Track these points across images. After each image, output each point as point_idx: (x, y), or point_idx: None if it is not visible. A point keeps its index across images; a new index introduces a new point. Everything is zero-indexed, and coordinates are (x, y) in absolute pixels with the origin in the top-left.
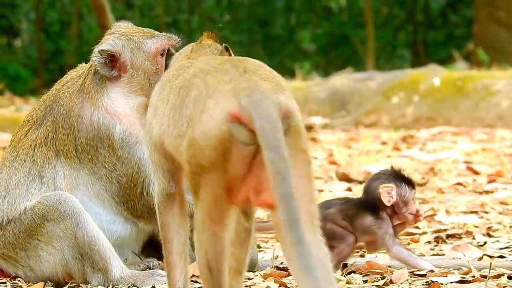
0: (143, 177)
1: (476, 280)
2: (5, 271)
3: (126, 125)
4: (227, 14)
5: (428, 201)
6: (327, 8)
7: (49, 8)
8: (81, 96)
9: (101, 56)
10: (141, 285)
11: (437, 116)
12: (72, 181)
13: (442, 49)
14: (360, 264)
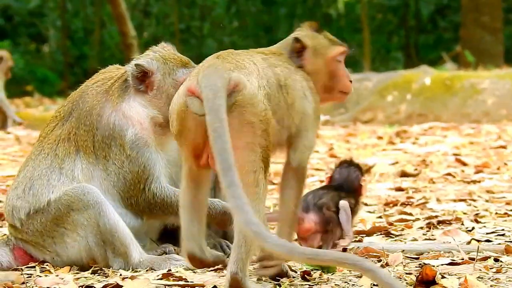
0: (147, 175)
1: (465, 262)
2: (34, 256)
3: (138, 130)
4: (236, 21)
5: (420, 190)
6: (326, 15)
7: (74, 16)
8: (105, 97)
9: (135, 69)
10: (158, 269)
11: (428, 112)
12: (88, 175)
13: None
14: (358, 248)
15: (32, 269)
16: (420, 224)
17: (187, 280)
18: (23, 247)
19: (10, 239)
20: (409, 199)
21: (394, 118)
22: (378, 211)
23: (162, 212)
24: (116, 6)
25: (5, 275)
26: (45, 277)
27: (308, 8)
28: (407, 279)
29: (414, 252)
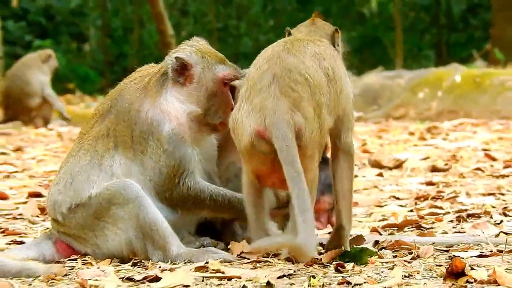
0: (182, 169)
1: (494, 255)
2: (76, 249)
3: (175, 125)
4: (271, 19)
5: (450, 185)
6: (360, 13)
7: (114, 16)
8: (143, 93)
9: (175, 62)
10: (196, 261)
11: (458, 109)
12: (126, 170)
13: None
14: (390, 241)
15: (74, 261)
16: (450, 218)
17: (224, 273)
18: (65, 241)
19: (52, 233)
20: (439, 193)
21: (425, 114)
22: (409, 205)
23: (195, 206)
24: (154, 5)
25: (48, 267)
26: (87, 269)
27: (343, 7)
28: (437, 271)
29: (444, 245)
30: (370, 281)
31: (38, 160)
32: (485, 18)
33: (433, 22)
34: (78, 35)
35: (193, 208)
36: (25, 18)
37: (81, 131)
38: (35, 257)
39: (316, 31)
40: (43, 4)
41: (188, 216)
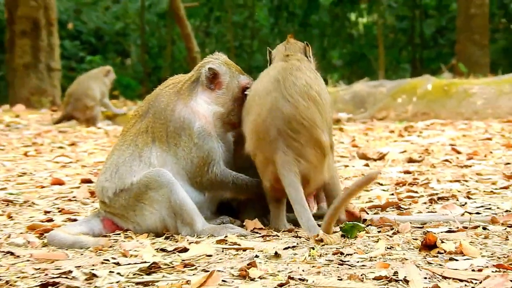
0: (210, 160)
1: (460, 230)
2: (119, 226)
3: (203, 122)
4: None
5: (424, 173)
6: (350, 34)
7: (151, 36)
8: (177, 96)
9: (209, 71)
10: (217, 235)
11: (430, 111)
12: (162, 160)
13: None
14: (375, 219)
15: (118, 236)
16: (424, 200)
17: (240, 245)
18: (110, 219)
19: (100, 212)
20: (415, 180)
21: (403, 116)
22: (390, 190)
23: (221, 188)
24: (183, 27)
25: (96, 240)
26: (128, 242)
27: (335, 29)
28: (414, 244)
29: (419, 222)
30: (359, 252)
31: (89, 153)
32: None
33: (409, 41)
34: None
35: (219, 190)
36: (79, 38)
37: (123, 129)
38: (86, 232)
39: (290, 47)
40: (93, 26)
41: (213, 197)
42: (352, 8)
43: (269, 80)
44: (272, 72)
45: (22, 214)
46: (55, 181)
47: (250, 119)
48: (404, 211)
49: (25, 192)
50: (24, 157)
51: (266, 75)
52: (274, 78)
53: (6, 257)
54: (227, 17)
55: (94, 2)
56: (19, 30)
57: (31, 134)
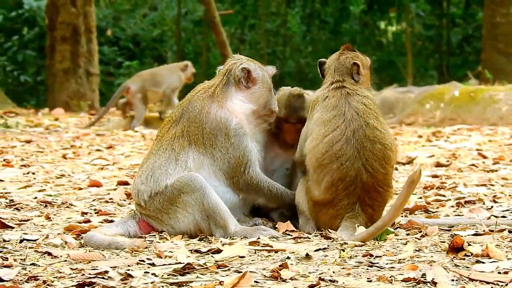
0: (246, 160)
1: (486, 234)
2: (154, 227)
3: (240, 120)
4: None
5: (451, 177)
6: (379, 42)
7: (187, 42)
8: (210, 100)
9: (242, 72)
10: (250, 237)
11: (456, 117)
12: (198, 163)
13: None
14: (403, 222)
15: (153, 237)
16: (451, 204)
17: (272, 246)
18: (146, 220)
19: (136, 214)
20: (442, 184)
21: (431, 121)
22: (419, 193)
23: (255, 193)
24: (218, 34)
25: (132, 241)
26: (163, 243)
27: (365, 37)
28: (441, 246)
29: (447, 225)
30: (388, 254)
31: (126, 156)
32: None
33: (436, 49)
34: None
35: (253, 194)
36: (117, 44)
37: (158, 134)
38: (122, 233)
39: (339, 67)
40: (131, 33)
41: (247, 200)
42: (382, 16)
43: (343, 137)
44: (343, 125)
45: (60, 215)
46: (93, 183)
47: (324, 164)
48: (432, 214)
49: (63, 194)
50: (62, 160)
51: (335, 121)
52: (357, 141)
53: (44, 257)
54: (260, 24)
55: (132, 10)
56: (59, 36)
57: (69, 137)
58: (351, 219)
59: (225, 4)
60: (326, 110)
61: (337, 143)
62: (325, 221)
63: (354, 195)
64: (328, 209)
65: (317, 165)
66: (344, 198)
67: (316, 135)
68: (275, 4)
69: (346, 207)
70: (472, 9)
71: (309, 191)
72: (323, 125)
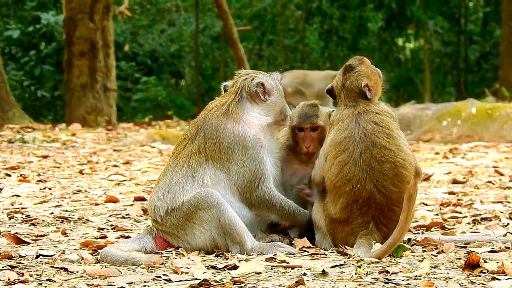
0: (261, 174)
1: (502, 250)
2: (171, 243)
3: (257, 132)
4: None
5: (468, 194)
6: (397, 59)
7: (205, 58)
8: (226, 117)
9: (258, 86)
10: (266, 253)
11: (474, 134)
12: (215, 179)
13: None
14: (419, 238)
15: (169, 253)
16: (468, 220)
17: (288, 263)
18: (162, 236)
19: (152, 230)
20: (459, 201)
21: (448, 138)
22: (435, 210)
23: (268, 209)
24: (236, 50)
25: (148, 257)
26: (179, 259)
27: (383, 54)
28: (457, 263)
29: (463, 242)
30: (404, 271)
31: (142, 171)
32: (494, 63)
33: (454, 66)
34: (176, 73)
35: (265, 210)
36: (134, 59)
37: (174, 151)
38: (138, 249)
39: (348, 94)
40: (149, 48)
41: (260, 216)
42: (400, 33)
43: (351, 159)
44: (351, 147)
45: (76, 231)
46: (109, 198)
47: (339, 185)
48: (448, 231)
49: (79, 209)
50: (79, 175)
51: (345, 143)
52: (365, 162)
53: (60, 272)
54: (278, 40)
55: (150, 25)
56: (77, 51)
57: (86, 152)
58: (366, 236)
59: (244, 20)
60: (338, 132)
61: (346, 165)
62: (341, 238)
63: (368, 215)
64: (344, 227)
65: (332, 187)
66: (359, 217)
67: (329, 157)
68: (293, 20)
69: (360, 225)
70: (490, 27)
71: (326, 208)
72: (334, 147)
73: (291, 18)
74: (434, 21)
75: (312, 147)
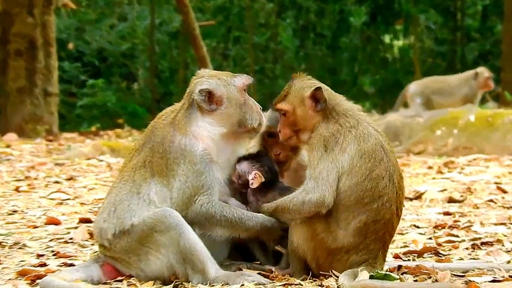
0: (204, 190)
1: (506, 280)
2: (121, 271)
3: (207, 145)
4: (304, 64)
5: (465, 215)
6: (383, 59)
7: (161, 58)
8: (172, 127)
9: (201, 94)
10: (233, 283)
11: (472, 145)
12: (161, 196)
13: None
14: (411, 266)
15: (120, 283)
16: (466, 245)
17: None
18: (111, 263)
19: (100, 257)
20: (455, 222)
21: (442, 150)
22: (428, 233)
23: (208, 222)
24: (198, 49)
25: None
26: None
27: (368, 53)
28: None
29: (461, 270)
30: None
31: (89, 189)
32: (495, 64)
33: (449, 67)
34: (128, 75)
35: (206, 224)
36: (80, 60)
37: (122, 164)
38: (84, 279)
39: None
40: (97, 47)
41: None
42: (386, 29)
43: (387, 173)
44: (385, 158)
45: (11, 258)
46: (50, 220)
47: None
48: (443, 257)
49: (15, 233)
50: (15, 193)
51: (379, 152)
52: (396, 178)
53: None
54: (247, 38)
55: (98, 20)
56: (13, 50)
57: (23, 166)
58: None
59: (206, 14)
60: (362, 139)
61: (383, 180)
62: (341, 270)
63: (381, 241)
64: (351, 256)
65: (353, 203)
66: (372, 243)
67: (359, 169)
68: (263, 14)
69: (370, 253)
70: (491, 21)
71: (324, 240)
72: (367, 157)
73: (261, 12)
74: (426, 15)
75: (283, 154)
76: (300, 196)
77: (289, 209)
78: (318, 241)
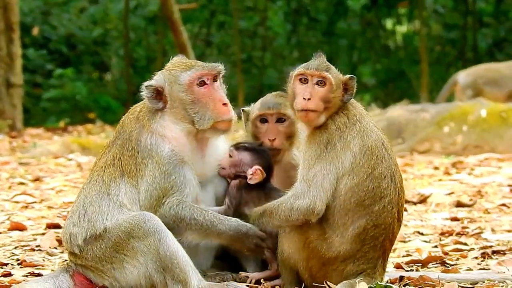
0: (175, 191)
1: None
2: (93, 281)
3: (174, 146)
4: (296, 51)
5: (475, 221)
6: (385, 46)
7: (137, 45)
8: (137, 123)
9: (147, 91)
10: None
11: (483, 144)
12: (132, 197)
13: None
14: (414, 277)
15: None
16: (475, 254)
17: None
18: (82, 273)
19: (70, 266)
20: (464, 229)
21: (450, 149)
22: (433, 241)
23: (178, 226)
24: (178, 35)
25: None
26: None
27: (367, 40)
28: None
29: (469, 282)
30: None
31: (57, 191)
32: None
33: (459, 55)
34: (100, 64)
35: (176, 229)
36: (46, 47)
37: (93, 163)
38: None
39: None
40: (65, 32)
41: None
42: (389, 13)
43: (389, 171)
44: (387, 155)
45: None
46: (14, 225)
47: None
48: (450, 267)
49: None
50: None
51: (380, 149)
52: (398, 178)
53: None
54: (232, 22)
55: (66, 2)
56: None
57: None
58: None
59: None
60: (365, 134)
61: (385, 179)
62: (336, 282)
63: (381, 248)
64: (347, 266)
65: (353, 206)
66: (370, 250)
67: (361, 167)
68: None
69: (369, 262)
70: (505, 5)
71: (318, 248)
72: (370, 154)
73: None
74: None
75: (278, 141)
76: (289, 202)
77: (278, 215)
78: (311, 249)
